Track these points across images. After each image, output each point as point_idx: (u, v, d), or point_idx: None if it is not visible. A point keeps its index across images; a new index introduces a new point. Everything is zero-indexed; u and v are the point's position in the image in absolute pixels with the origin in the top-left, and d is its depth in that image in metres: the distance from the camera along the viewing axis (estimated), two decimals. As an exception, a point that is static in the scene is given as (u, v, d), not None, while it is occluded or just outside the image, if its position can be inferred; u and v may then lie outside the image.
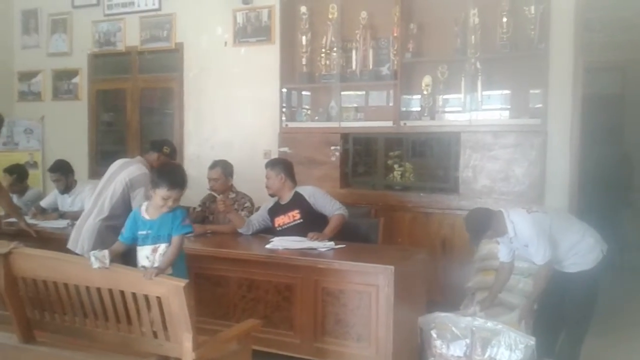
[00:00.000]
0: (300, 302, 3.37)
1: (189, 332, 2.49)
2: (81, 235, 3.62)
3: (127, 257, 2.77)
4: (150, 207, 2.73)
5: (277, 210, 4.07)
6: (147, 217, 2.71)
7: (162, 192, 2.66)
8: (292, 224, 3.97)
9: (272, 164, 4.10)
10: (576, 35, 4.35)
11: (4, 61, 6.68)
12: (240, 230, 4.05)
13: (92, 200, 3.75)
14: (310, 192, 4.02)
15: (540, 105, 4.40)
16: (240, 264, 3.52)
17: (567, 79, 4.35)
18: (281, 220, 4.02)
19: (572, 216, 3.51)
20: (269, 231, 4.07)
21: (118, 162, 3.84)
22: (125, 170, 3.65)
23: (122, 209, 3.59)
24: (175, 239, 2.63)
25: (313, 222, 3.90)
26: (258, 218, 4.13)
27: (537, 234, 3.20)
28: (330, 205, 3.96)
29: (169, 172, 2.79)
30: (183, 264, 2.76)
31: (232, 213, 4.06)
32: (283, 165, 4.10)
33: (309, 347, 3.35)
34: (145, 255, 2.66)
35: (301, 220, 3.94)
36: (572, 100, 4.37)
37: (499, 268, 3.51)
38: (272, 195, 4.09)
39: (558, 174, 4.37)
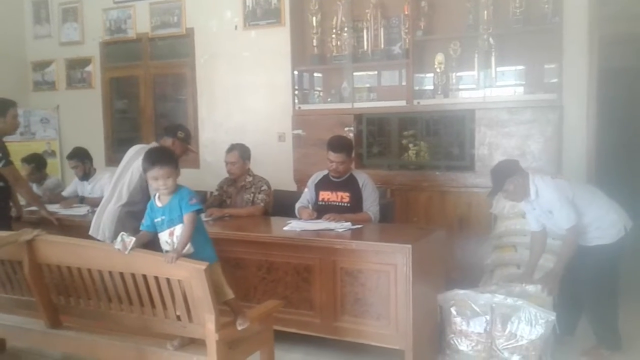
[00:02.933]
0: (319, 283, 3.40)
1: (212, 313, 2.53)
2: (102, 222, 3.67)
3: (150, 244, 2.80)
4: (161, 194, 2.75)
5: (326, 184, 4.05)
6: (159, 204, 2.73)
7: (149, 174, 2.70)
8: (338, 204, 3.96)
9: (346, 148, 3.96)
10: (591, 8, 4.29)
11: (18, 51, 6.74)
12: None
13: (111, 187, 3.79)
14: (364, 180, 3.99)
15: (555, 80, 4.35)
16: (259, 247, 3.56)
17: (582, 52, 4.31)
18: (327, 196, 4.02)
19: (598, 191, 3.48)
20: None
21: (134, 149, 3.87)
22: (141, 157, 3.68)
23: (141, 195, 3.63)
24: (186, 217, 2.64)
25: (357, 209, 3.91)
26: (310, 197, 4.10)
27: (559, 198, 3.25)
28: (370, 202, 3.94)
29: (148, 153, 2.82)
30: (205, 243, 2.76)
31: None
32: (352, 148, 4.09)
33: (329, 327, 3.39)
34: (165, 240, 2.70)
35: (349, 205, 3.93)
36: (587, 74, 4.32)
37: (531, 239, 3.57)
38: (335, 178, 4.02)
39: (575, 148, 4.34)
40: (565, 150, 4.33)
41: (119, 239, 2.60)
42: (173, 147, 3.79)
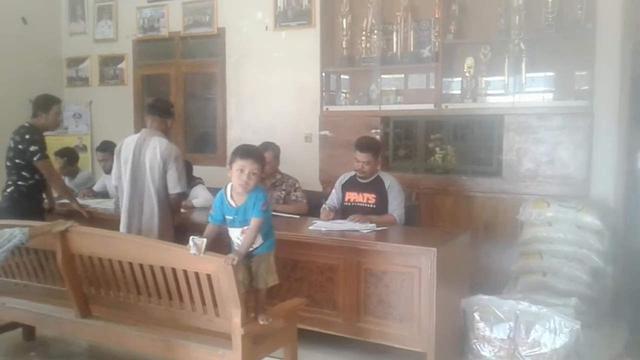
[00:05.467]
0: (343, 283, 3.42)
1: (238, 308, 2.57)
2: (145, 230, 3.64)
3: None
4: (234, 192, 2.76)
5: (352, 185, 4.08)
6: (232, 204, 2.74)
7: (236, 165, 2.70)
8: (363, 205, 3.98)
9: (372, 148, 3.97)
10: (625, 15, 4.22)
11: (53, 48, 6.90)
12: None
13: (127, 190, 3.67)
14: (390, 182, 4.00)
15: (586, 87, 4.31)
16: (285, 245, 3.54)
17: (614, 59, 4.23)
18: (353, 197, 4.04)
19: None
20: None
21: (130, 144, 3.68)
22: (149, 150, 3.62)
23: (161, 181, 3.63)
24: (254, 220, 2.68)
25: (383, 210, 3.93)
26: (337, 198, 4.13)
27: None
28: (395, 204, 3.95)
29: (240, 146, 2.84)
30: (270, 234, 2.81)
31: None
32: (380, 149, 4.11)
33: (352, 327, 3.41)
34: (236, 236, 2.75)
35: (374, 206, 3.95)
36: (620, 82, 4.25)
37: None
38: (361, 178, 4.04)
39: (605, 157, 4.27)
40: (594, 158, 4.27)
41: (190, 243, 2.59)
42: (170, 127, 3.79)
